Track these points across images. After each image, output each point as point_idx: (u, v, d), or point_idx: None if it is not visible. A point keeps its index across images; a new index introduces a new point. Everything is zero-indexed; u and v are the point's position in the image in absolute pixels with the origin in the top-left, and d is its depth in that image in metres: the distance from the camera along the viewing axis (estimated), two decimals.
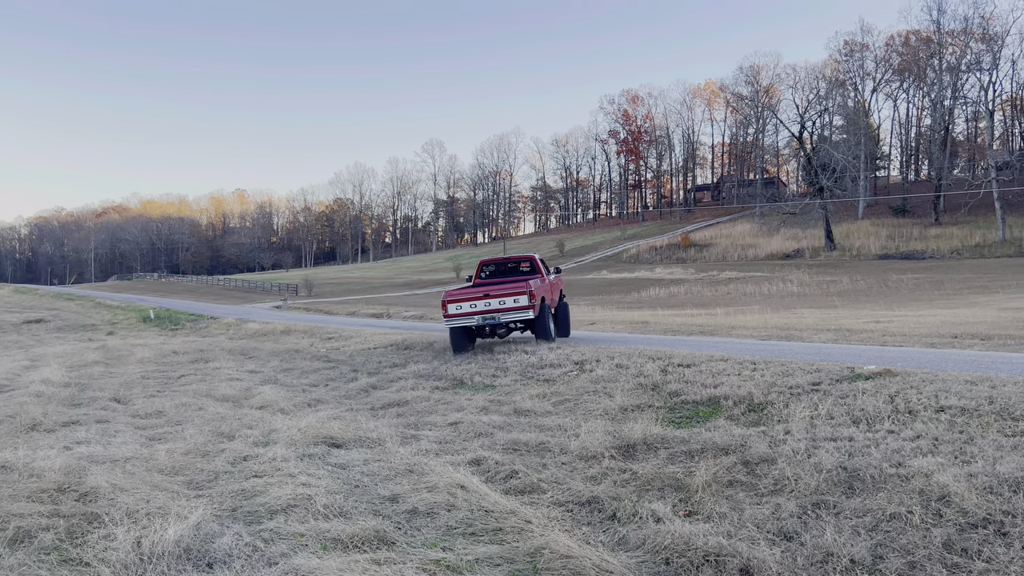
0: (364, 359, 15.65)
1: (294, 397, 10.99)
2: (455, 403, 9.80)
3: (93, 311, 53.28)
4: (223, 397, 11.00)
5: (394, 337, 18.77)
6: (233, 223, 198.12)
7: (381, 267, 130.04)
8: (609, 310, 38.54)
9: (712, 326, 22.84)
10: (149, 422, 9.24)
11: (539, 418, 8.51)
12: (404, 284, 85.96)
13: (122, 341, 24.87)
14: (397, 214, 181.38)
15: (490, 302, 14.04)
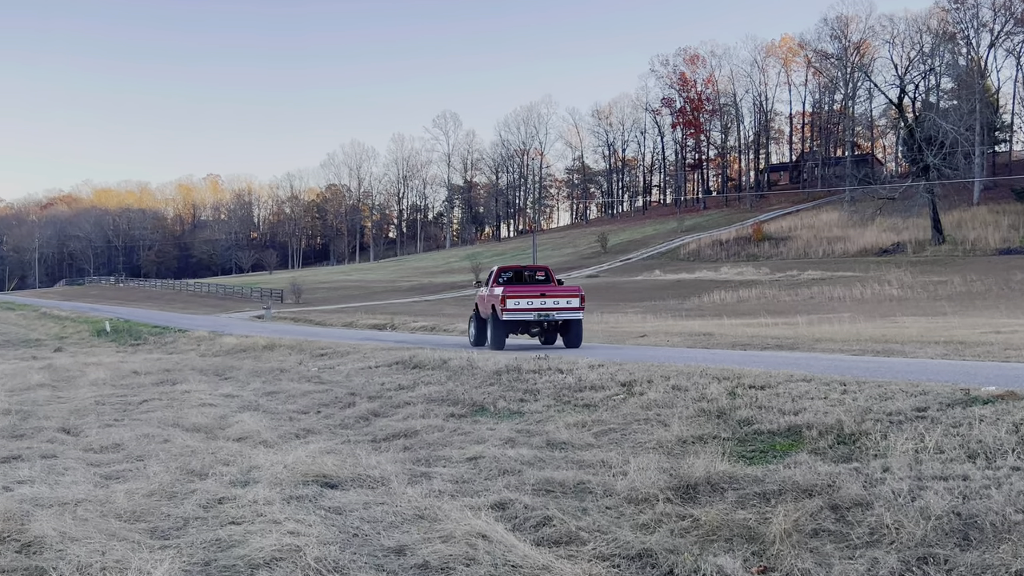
0: (364, 380, 15.70)
1: (279, 426, 11.05)
2: (474, 434, 9.80)
3: (37, 323, 54.26)
4: (194, 427, 11.10)
5: (400, 353, 18.83)
6: (205, 215, 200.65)
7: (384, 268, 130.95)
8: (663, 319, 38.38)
9: (791, 338, 22.64)
10: (105, 457, 9.35)
11: (577, 452, 8.49)
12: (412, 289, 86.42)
13: (72, 359, 25.27)
14: (403, 203, 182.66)
15: (545, 301, 19.63)
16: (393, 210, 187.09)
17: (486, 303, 21.85)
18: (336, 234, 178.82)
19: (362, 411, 12.06)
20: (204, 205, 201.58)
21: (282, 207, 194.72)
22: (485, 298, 22.10)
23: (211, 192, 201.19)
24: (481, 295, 22.83)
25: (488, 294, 21.79)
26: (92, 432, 10.92)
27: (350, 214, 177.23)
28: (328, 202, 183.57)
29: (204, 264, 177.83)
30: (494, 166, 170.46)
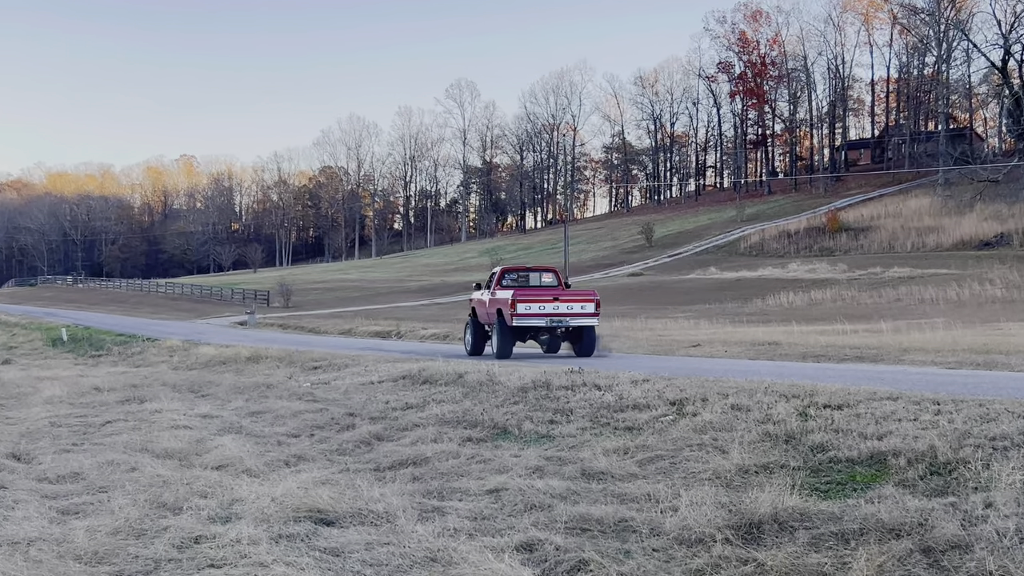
0: (365, 398, 15.75)
1: (266, 452, 11.11)
2: (496, 461, 9.80)
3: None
4: (166, 452, 11.18)
5: (408, 366, 18.88)
6: (178, 203, 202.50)
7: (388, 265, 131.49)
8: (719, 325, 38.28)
9: (874, 349, 22.48)
10: (62, 488, 9.43)
11: (618, 483, 8.47)
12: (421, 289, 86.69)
13: (22, 373, 25.53)
14: (411, 188, 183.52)
15: (559, 306, 21.06)
16: (399, 197, 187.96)
17: (489, 308, 23.26)
18: (332, 225, 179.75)
19: (363, 434, 12.10)
20: (177, 191, 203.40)
21: (268, 194, 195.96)
22: (487, 303, 23.48)
23: (185, 176, 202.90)
24: (480, 299, 24.36)
25: (491, 298, 23.20)
26: (47, 459, 11.02)
27: (348, 201, 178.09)
28: (322, 188, 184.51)
29: (177, 261, 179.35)
30: (518, 144, 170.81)
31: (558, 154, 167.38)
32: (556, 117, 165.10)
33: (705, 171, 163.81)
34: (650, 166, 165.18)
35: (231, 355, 26.60)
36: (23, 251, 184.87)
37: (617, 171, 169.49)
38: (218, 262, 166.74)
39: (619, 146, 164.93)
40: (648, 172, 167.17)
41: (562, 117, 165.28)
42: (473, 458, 10.15)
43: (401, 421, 12.99)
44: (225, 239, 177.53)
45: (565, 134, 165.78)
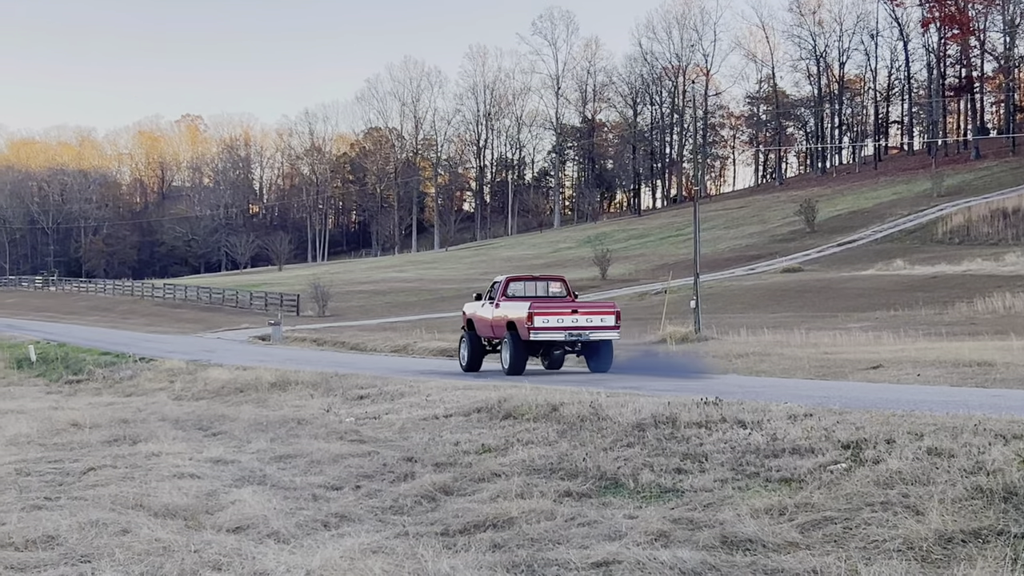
0: (427, 438, 15.82)
1: (298, 510, 11.22)
2: (604, 524, 9.77)
3: None
4: (167, 510, 11.35)
5: (483, 395, 18.92)
6: (179, 179, 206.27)
7: (456, 259, 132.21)
8: (909, 339, 37.67)
9: None
10: (31, 557, 9.61)
11: (772, 555, 8.39)
12: None
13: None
14: (485, 156, 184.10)
15: (578, 319, 25.48)
16: (470, 168, 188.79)
17: (494, 321, 27.52)
18: (381, 207, 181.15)
19: (426, 486, 12.15)
20: (177, 163, 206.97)
21: (297, 165, 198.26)
22: (490, 316, 27.71)
23: (188, 143, 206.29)
24: (478, 312, 28.69)
25: (497, 311, 27.36)
26: (11, 518, 11.24)
27: (403, 175, 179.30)
28: (368, 156, 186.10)
29: (178, 255, 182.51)
30: (630, 95, 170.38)
31: (684, 108, 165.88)
32: (682, 58, 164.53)
33: (888, 128, 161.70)
34: (811, 122, 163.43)
35: (250, 380, 26.93)
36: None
37: (766, 130, 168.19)
38: (232, 257, 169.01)
39: (768, 95, 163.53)
40: (809, 131, 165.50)
41: (690, 58, 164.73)
42: (573, 519, 10.12)
43: (476, 469, 13.02)
44: (241, 226, 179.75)
45: (695, 80, 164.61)
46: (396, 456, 14.41)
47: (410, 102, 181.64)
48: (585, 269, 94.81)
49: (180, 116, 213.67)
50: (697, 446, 12.63)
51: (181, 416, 20.71)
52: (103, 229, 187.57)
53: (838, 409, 13.97)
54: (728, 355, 31.56)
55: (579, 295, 30.27)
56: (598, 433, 14.24)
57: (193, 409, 22.30)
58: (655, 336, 40.74)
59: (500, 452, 14.04)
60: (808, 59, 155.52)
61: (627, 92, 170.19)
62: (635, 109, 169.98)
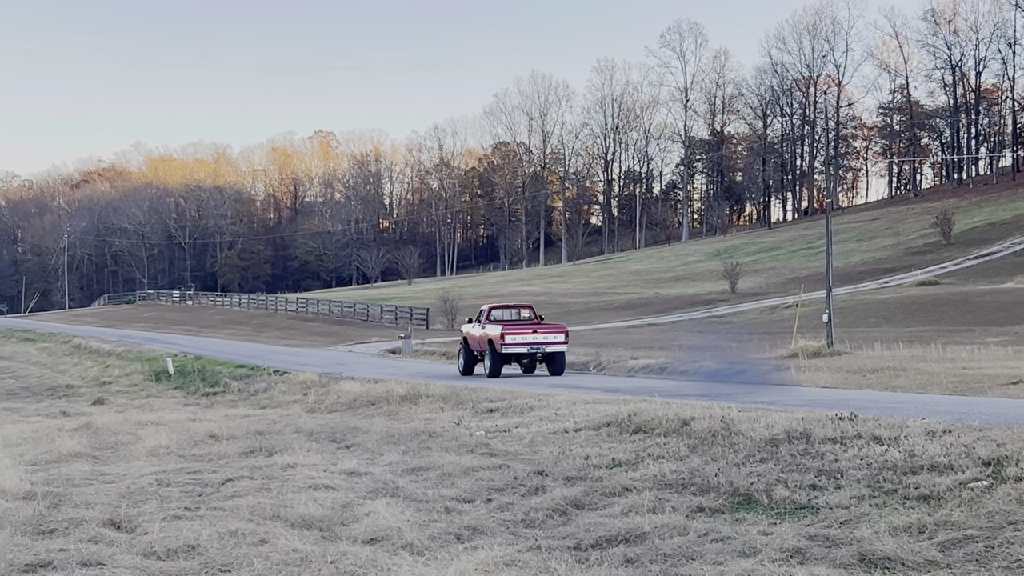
0: (557, 452, 15.86)
1: (430, 522, 11.33)
2: (738, 540, 9.72)
3: (68, 361, 57.93)
4: (303, 520, 11.55)
5: (613, 409, 18.91)
6: (311, 195, 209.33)
7: (583, 273, 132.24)
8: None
9: None
10: (173, 567, 9.86)
11: (912, 575, 8.28)
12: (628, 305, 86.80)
13: (120, 416, 26.79)
14: (613, 170, 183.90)
15: (537, 336, 34.48)
16: (597, 181, 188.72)
17: (479, 339, 36.50)
18: (509, 221, 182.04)
19: (556, 500, 12.19)
20: (310, 179, 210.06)
21: (426, 180, 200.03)
22: (477, 335, 36.78)
23: (320, 159, 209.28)
24: (471, 332, 37.71)
25: (482, 331, 36.33)
26: (154, 528, 11.53)
27: (530, 188, 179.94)
28: (496, 171, 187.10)
29: (310, 270, 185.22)
30: (760, 106, 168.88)
31: (816, 119, 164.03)
32: (813, 68, 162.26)
33: None
34: (947, 133, 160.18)
35: (382, 393, 27.26)
36: (118, 259, 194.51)
37: (899, 140, 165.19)
38: (363, 271, 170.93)
39: (902, 106, 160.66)
40: (944, 141, 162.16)
41: (821, 68, 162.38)
42: (706, 535, 10.09)
43: (607, 483, 13.04)
44: (371, 241, 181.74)
45: (826, 91, 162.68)
46: (526, 469, 14.48)
47: (538, 116, 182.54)
48: (714, 283, 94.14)
49: (312, 132, 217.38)
50: (832, 462, 12.51)
51: (315, 428, 21.02)
52: (238, 244, 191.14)
53: (978, 425, 13.72)
54: (862, 370, 31.06)
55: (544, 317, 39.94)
56: (730, 448, 14.18)
57: (326, 421, 22.62)
58: (785, 351, 40.25)
59: (631, 466, 14.05)
60: (943, 68, 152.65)
61: (756, 104, 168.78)
62: (765, 121, 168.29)
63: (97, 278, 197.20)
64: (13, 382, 47.99)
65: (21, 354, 65.03)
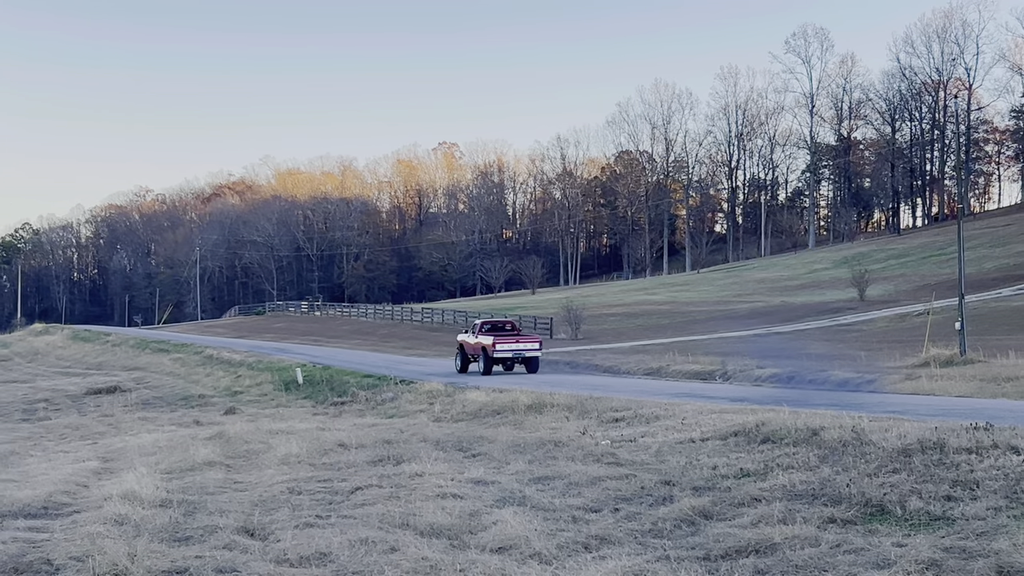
0: (684, 461, 15.81)
1: (558, 531, 11.37)
2: (871, 552, 9.61)
3: (200, 370, 59.18)
4: (432, 529, 11.67)
5: (740, 418, 18.80)
6: (435, 206, 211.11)
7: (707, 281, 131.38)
8: None
9: None
10: (306, 574, 10.04)
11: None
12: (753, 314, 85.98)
13: (252, 425, 27.39)
14: (737, 177, 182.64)
15: (519, 344, 45.47)
16: (721, 189, 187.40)
17: (474, 345, 46.01)
18: (632, 230, 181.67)
19: (684, 510, 12.16)
20: (434, 190, 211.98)
21: (549, 190, 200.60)
22: (471, 342, 46.48)
23: (445, 170, 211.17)
24: (466, 339, 47.69)
25: (475, 339, 45.99)
26: (286, 535, 11.78)
27: (653, 197, 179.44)
28: (619, 180, 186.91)
29: (434, 280, 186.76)
30: (888, 111, 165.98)
31: (946, 123, 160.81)
32: (943, 72, 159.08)
33: None
34: None
35: (507, 403, 27.39)
36: (247, 271, 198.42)
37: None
38: (486, 281, 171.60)
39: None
40: None
41: (951, 72, 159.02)
42: (838, 546, 10.00)
43: (735, 493, 12.99)
44: (495, 251, 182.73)
45: (956, 95, 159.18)
46: (653, 479, 14.47)
47: (661, 124, 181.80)
48: (841, 290, 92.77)
49: (437, 144, 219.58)
50: (967, 473, 12.30)
51: (441, 437, 21.21)
52: (364, 255, 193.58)
53: None
54: (996, 378, 30.43)
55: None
56: (861, 458, 14.02)
57: (453, 431, 22.81)
58: (917, 359, 39.55)
59: (759, 477, 13.97)
60: None
61: (884, 108, 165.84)
62: (893, 126, 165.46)
63: (228, 290, 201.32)
64: (148, 392, 49.14)
65: (155, 365, 66.55)
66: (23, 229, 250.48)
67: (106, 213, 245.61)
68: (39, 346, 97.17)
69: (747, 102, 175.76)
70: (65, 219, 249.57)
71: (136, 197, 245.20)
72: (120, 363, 71.99)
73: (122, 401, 44.61)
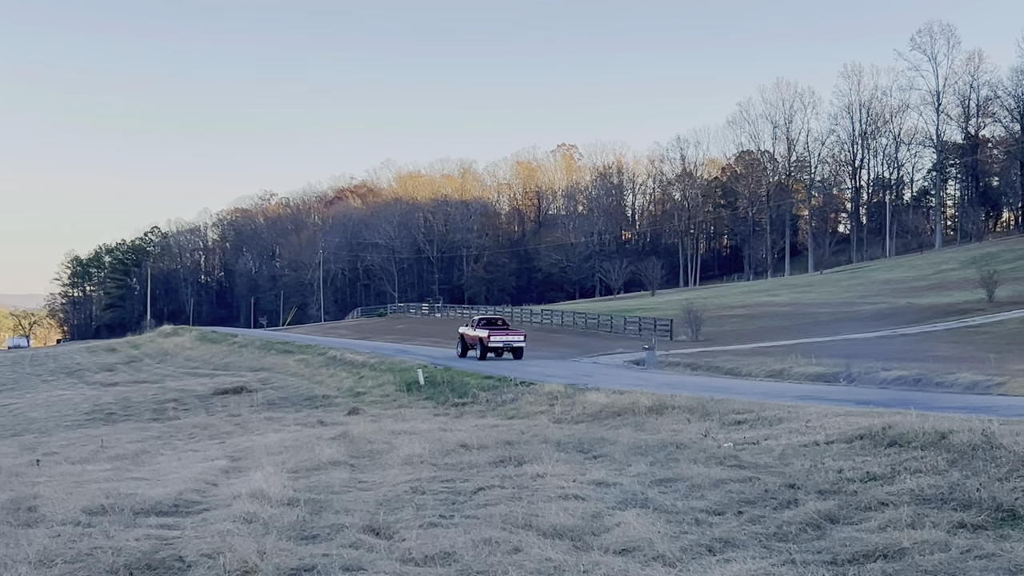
0: (808, 464, 15.66)
1: (681, 534, 11.33)
2: (1004, 557, 9.45)
3: (324, 371, 59.96)
4: (554, 530, 11.70)
5: (865, 421, 18.57)
6: (554, 208, 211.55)
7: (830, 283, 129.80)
8: None
9: None
10: (430, 572, 10.14)
11: None
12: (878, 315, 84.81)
13: (375, 425, 27.71)
14: (860, 177, 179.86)
15: (508, 336, 59.87)
16: (845, 189, 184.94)
17: (472, 336, 59.12)
18: (753, 231, 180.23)
19: (809, 514, 12.07)
20: (553, 192, 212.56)
21: (668, 191, 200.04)
22: (471, 334, 59.48)
23: (564, 171, 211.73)
24: (466, 332, 60.30)
25: (474, 332, 58.93)
26: (411, 534, 11.91)
27: (775, 198, 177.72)
28: (740, 180, 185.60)
29: (553, 282, 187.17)
30: (1017, 108, 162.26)
31: None
32: None
33: None
34: None
35: (627, 404, 27.37)
36: (369, 273, 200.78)
37: None
38: (605, 282, 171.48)
39: None
40: None
41: None
42: (969, 551, 9.86)
43: (861, 497, 12.85)
44: (614, 252, 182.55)
45: None
46: (777, 482, 14.36)
47: (782, 124, 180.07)
48: (969, 291, 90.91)
49: (555, 146, 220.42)
50: None
51: (562, 439, 21.25)
52: (483, 257, 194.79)
53: None
54: None
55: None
56: (992, 462, 13.77)
57: (573, 432, 22.83)
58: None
59: (886, 480, 13.79)
60: None
61: (1013, 106, 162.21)
62: (1022, 123, 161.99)
63: (350, 292, 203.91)
64: (274, 392, 49.96)
65: (280, 366, 67.61)
66: (152, 232, 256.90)
67: (232, 217, 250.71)
68: (168, 347, 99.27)
69: (871, 100, 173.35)
70: (192, 222, 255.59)
71: (261, 201, 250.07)
72: (246, 364, 73.28)
73: (248, 401, 45.42)
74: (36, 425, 42.50)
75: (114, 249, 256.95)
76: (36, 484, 17.52)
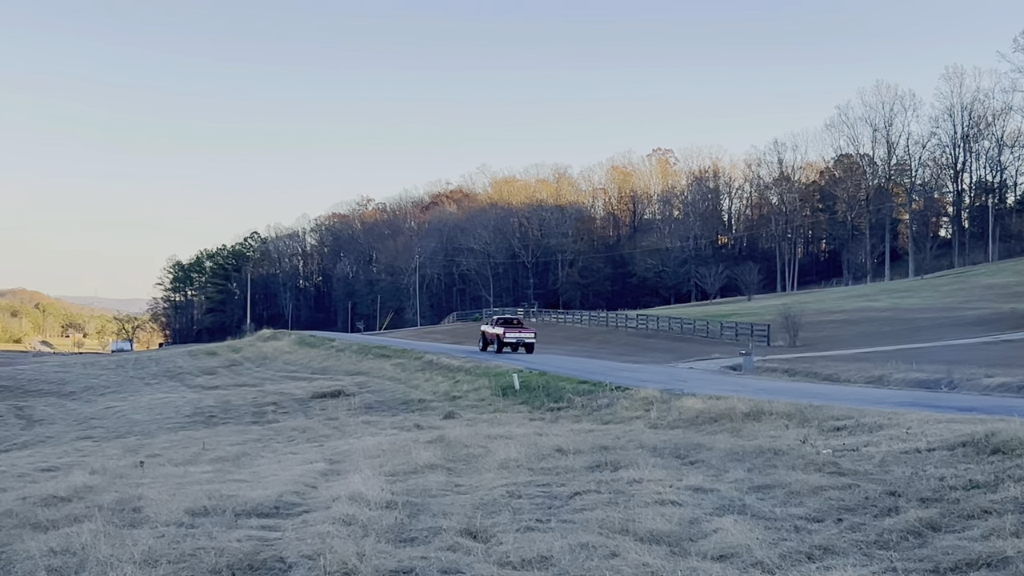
0: (909, 472, 15.48)
1: (780, 540, 11.26)
2: None
3: (420, 376, 60.33)
4: (651, 535, 11.69)
5: (968, 428, 18.30)
6: (649, 212, 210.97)
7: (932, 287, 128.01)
8: None
9: None
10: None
11: None
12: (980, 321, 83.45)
13: (470, 430, 27.81)
14: (963, 180, 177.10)
15: (521, 333, 71.27)
16: (946, 192, 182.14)
17: (491, 333, 71.06)
18: (852, 235, 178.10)
19: (911, 521, 11.93)
20: (648, 197, 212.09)
21: (766, 195, 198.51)
22: (490, 331, 71.71)
23: (659, 176, 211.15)
24: (486, 329, 73.30)
25: (493, 329, 71.10)
26: (507, 538, 11.97)
27: (874, 201, 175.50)
28: (838, 184, 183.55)
29: (648, 287, 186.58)
30: None
31: None
32: None
33: None
34: None
35: (724, 410, 27.22)
36: (465, 278, 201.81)
37: None
38: (701, 287, 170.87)
39: None
40: None
41: None
42: None
43: (964, 505, 12.69)
44: (710, 257, 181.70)
45: None
46: (877, 490, 14.22)
47: (882, 127, 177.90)
48: None
49: (651, 150, 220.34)
50: None
51: (658, 444, 21.19)
52: (578, 262, 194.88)
53: None
54: None
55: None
56: None
57: (669, 437, 22.76)
58: None
59: (989, 488, 13.59)
60: None
61: None
62: None
63: (446, 296, 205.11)
64: (370, 396, 50.36)
65: (377, 370, 68.13)
66: (252, 238, 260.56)
67: (330, 222, 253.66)
68: (267, 351, 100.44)
69: (973, 103, 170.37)
70: (291, 228, 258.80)
71: (358, 206, 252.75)
72: (343, 368, 73.96)
73: (346, 405, 45.83)
74: (139, 427, 43.28)
75: (215, 254, 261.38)
76: (140, 485, 17.86)
